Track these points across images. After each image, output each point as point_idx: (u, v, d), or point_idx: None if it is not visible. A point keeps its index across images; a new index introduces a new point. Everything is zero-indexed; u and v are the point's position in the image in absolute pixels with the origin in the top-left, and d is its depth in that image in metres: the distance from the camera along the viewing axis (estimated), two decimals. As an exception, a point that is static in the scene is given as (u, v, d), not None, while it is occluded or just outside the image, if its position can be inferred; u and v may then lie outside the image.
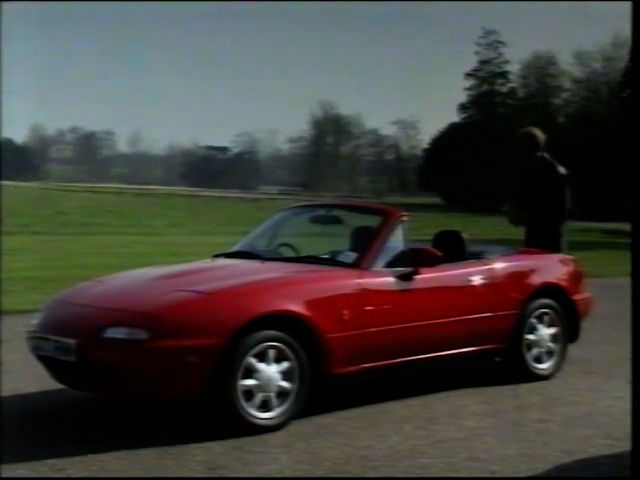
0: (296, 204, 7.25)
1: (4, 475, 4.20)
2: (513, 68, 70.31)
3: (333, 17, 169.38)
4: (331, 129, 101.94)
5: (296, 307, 5.12)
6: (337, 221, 6.47)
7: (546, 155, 7.23)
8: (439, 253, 5.89)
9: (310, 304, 5.19)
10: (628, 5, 4.79)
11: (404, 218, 6.01)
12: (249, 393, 4.95)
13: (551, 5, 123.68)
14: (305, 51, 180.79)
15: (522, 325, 6.39)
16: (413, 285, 5.75)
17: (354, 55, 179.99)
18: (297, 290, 5.30)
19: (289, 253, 6.31)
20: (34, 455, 4.53)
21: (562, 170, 7.14)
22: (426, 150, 78.96)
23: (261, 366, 4.98)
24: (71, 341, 4.98)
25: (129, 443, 4.74)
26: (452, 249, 6.34)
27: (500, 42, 69.78)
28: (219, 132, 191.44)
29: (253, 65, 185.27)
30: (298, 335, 5.11)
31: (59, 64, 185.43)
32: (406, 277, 5.73)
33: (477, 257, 6.40)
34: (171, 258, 12.56)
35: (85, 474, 4.30)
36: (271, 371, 5.01)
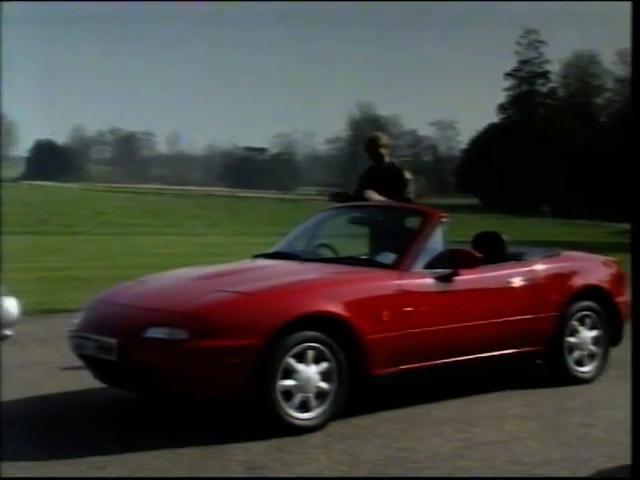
0: (335, 205, 7.24)
1: (4, 475, 4.24)
2: (554, 68, 69.73)
3: (372, 17, 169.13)
4: (369, 130, 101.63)
5: (335, 308, 5.12)
6: (376, 222, 6.44)
7: (395, 161, 7.70)
8: (479, 254, 5.85)
9: (349, 305, 5.18)
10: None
11: (444, 219, 5.98)
12: (288, 393, 4.95)
13: (593, 4, 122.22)
14: (343, 51, 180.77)
15: (563, 328, 6.32)
16: (453, 286, 5.71)
17: (392, 55, 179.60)
18: (336, 291, 5.30)
19: (328, 254, 6.30)
20: (75, 452, 4.58)
21: (408, 175, 7.54)
22: (464, 151, 78.54)
23: (300, 367, 4.98)
24: (112, 340, 5.02)
25: (169, 442, 4.77)
26: (492, 250, 6.29)
27: (541, 41, 69.20)
28: (257, 133, 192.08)
29: (291, 66, 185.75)
30: (337, 336, 5.11)
31: (98, 66, 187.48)
32: (445, 278, 5.69)
33: (517, 259, 6.34)
34: (210, 258, 12.62)
35: (125, 473, 4.33)
36: (310, 372, 5.01)
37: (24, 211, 33.71)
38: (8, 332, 6.65)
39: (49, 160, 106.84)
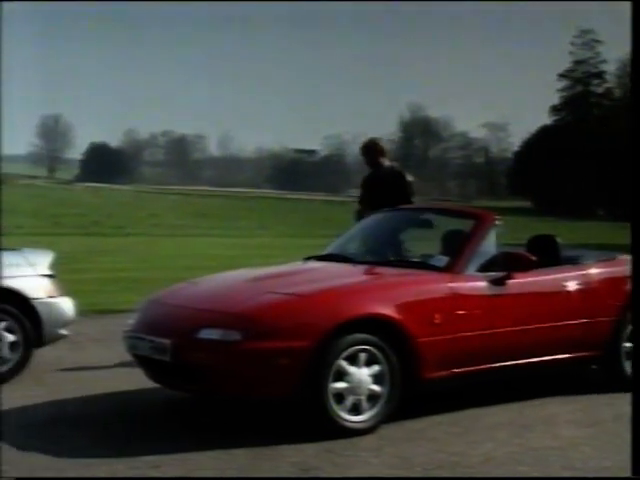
0: (387, 208, 7.21)
1: (4, 475, 4.28)
2: (610, 68, 68.56)
3: (423, 18, 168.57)
4: (420, 132, 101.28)
5: (387, 310, 5.10)
6: (429, 224, 6.41)
7: (394, 164, 7.79)
8: (533, 257, 5.78)
9: (401, 308, 5.16)
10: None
11: (497, 222, 5.92)
12: (340, 396, 4.95)
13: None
14: (394, 52, 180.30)
15: (620, 332, 6.20)
16: (506, 290, 5.65)
17: (444, 56, 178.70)
18: (389, 293, 5.28)
19: (380, 256, 6.27)
20: (131, 451, 4.64)
21: (410, 177, 7.56)
22: (516, 153, 77.65)
23: (352, 369, 4.97)
24: (166, 341, 5.07)
25: (223, 442, 4.80)
26: (546, 254, 6.21)
27: (597, 41, 68.06)
28: (308, 135, 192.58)
29: (341, 67, 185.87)
30: (389, 339, 5.09)
31: (151, 69, 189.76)
32: (499, 282, 5.64)
33: (572, 262, 6.25)
34: (259, 260, 12.70)
35: (179, 472, 4.37)
36: (362, 374, 5.00)
37: (78, 213, 34.30)
38: (64, 332, 6.77)
39: (103, 162, 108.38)
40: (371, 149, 7.62)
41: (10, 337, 6.37)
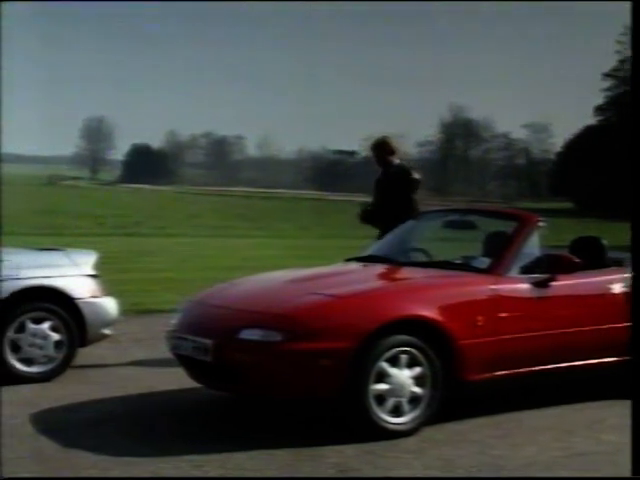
0: (428, 209, 7.19)
1: (5, 475, 4.32)
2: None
3: (465, 19, 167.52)
4: (460, 133, 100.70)
5: (429, 312, 5.08)
6: (471, 226, 6.37)
7: (403, 162, 7.62)
8: (577, 260, 5.71)
9: (443, 309, 5.13)
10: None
11: (541, 224, 5.87)
12: (381, 397, 4.94)
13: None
14: (434, 53, 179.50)
15: (665, 336, 6.10)
16: (549, 292, 5.59)
17: (484, 57, 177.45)
18: (430, 295, 5.26)
19: (422, 258, 6.25)
20: (174, 451, 4.68)
21: (416, 175, 7.41)
22: (559, 154, 76.85)
23: (393, 371, 4.96)
24: (208, 341, 5.10)
25: (264, 443, 4.82)
26: (591, 256, 6.13)
27: (644, 39, 67.04)
28: (348, 136, 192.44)
29: (381, 69, 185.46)
30: (431, 341, 5.07)
31: (193, 71, 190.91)
32: (542, 284, 5.58)
33: (618, 264, 6.17)
34: (299, 261, 12.71)
35: (221, 472, 4.39)
36: (403, 376, 4.99)
37: (120, 213, 34.62)
38: (107, 331, 6.84)
39: (145, 164, 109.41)
40: (380, 148, 7.53)
41: (55, 336, 6.45)
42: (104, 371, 6.83)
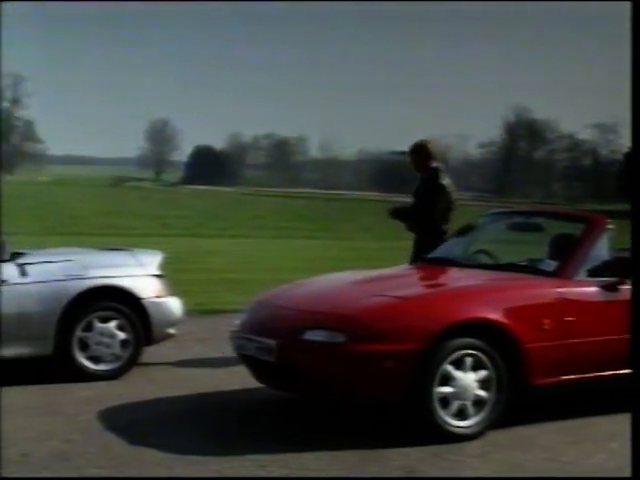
0: (494, 211, 7.11)
1: (4, 475, 4.34)
2: None
3: (529, 18, 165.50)
4: (524, 133, 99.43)
5: (495, 315, 5.02)
6: (537, 228, 6.28)
7: (439, 165, 7.28)
8: (648, 263, 5.58)
9: (509, 312, 5.07)
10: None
11: (610, 226, 5.75)
12: (445, 400, 4.90)
13: None
14: (498, 52, 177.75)
15: None
16: (618, 296, 5.48)
17: (549, 57, 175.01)
18: (496, 298, 5.20)
19: (487, 260, 6.19)
20: (238, 450, 4.71)
21: (444, 181, 7.15)
22: (627, 154, 75.27)
23: (458, 374, 4.92)
24: (271, 342, 5.12)
25: (328, 444, 4.82)
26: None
27: None
28: (410, 138, 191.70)
29: (444, 69, 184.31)
30: (496, 344, 5.01)
31: (255, 74, 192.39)
32: (611, 287, 5.48)
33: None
34: (362, 263, 12.68)
35: (285, 472, 4.41)
36: (468, 379, 4.94)
37: (184, 214, 35.01)
38: (172, 331, 6.92)
39: (207, 165, 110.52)
40: (418, 152, 7.34)
41: (121, 335, 6.55)
42: (169, 370, 6.91)
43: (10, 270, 6.35)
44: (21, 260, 6.49)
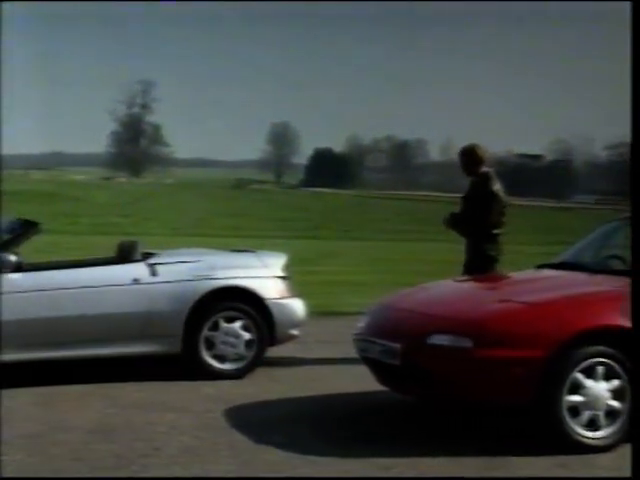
0: (624, 215, 6.85)
1: (3, 475, 4.35)
2: None
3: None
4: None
5: (627, 322, 4.83)
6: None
7: (489, 170, 7.02)
8: None
9: (643, 320, 4.86)
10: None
11: None
12: (575, 409, 4.75)
13: None
14: (624, 51, 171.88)
15: None
16: None
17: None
18: (627, 304, 4.99)
19: (619, 266, 5.95)
20: (361, 451, 4.71)
21: (495, 187, 6.80)
22: None
23: (589, 382, 4.76)
24: (396, 345, 5.09)
25: (453, 449, 4.76)
26: None
27: None
28: (534, 140, 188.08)
29: (566, 69, 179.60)
30: (630, 352, 4.81)
31: (374, 75, 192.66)
32: None
33: None
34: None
35: (413, 473, 4.37)
36: (600, 388, 4.77)
37: (304, 217, 35.41)
38: (295, 332, 6.99)
39: (327, 168, 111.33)
40: (467, 155, 7.09)
41: (246, 335, 6.66)
42: (292, 371, 6.98)
43: (141, 270, 6.56)
44: (152, 260, 6.69)
